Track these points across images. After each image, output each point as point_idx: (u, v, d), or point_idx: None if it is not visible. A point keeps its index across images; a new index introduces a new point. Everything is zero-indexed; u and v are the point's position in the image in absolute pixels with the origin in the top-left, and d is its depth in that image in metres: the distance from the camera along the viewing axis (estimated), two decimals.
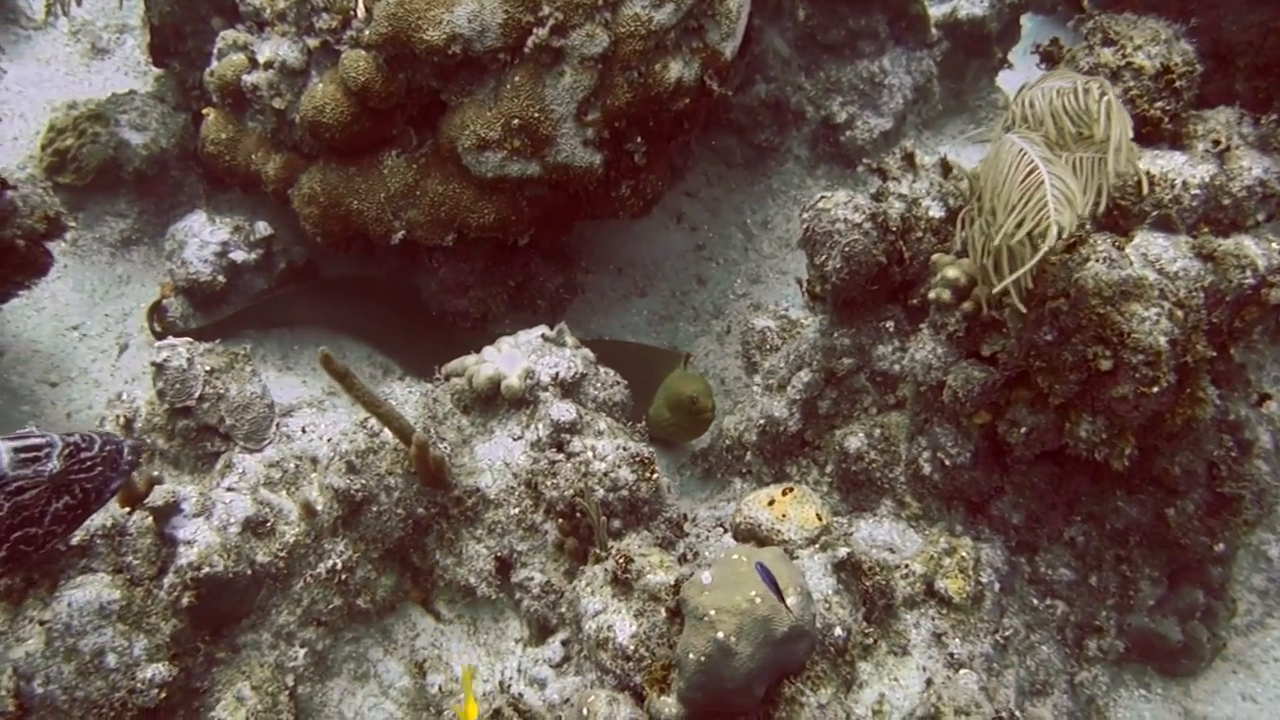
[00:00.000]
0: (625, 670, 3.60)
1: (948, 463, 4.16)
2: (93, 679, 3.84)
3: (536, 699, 4.04)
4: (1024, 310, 3.55)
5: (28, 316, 6.00)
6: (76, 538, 4.04)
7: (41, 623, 3.93)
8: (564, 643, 4.18)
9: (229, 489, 4.31)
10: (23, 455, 3.39)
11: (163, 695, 3.94)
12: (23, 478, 3.37)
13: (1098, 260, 3.54)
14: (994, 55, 7.41)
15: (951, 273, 3.97)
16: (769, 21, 6.60)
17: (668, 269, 6.72)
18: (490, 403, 4.60)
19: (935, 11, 7.22)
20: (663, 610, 3.62)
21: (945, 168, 4.55)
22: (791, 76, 6.88)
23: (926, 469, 4.25)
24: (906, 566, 3.99)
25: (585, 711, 3.48)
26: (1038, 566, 4.29)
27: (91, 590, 3.96)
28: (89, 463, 3.53)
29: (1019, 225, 3.36)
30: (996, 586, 4.05)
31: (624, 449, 4.34)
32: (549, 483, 4.32)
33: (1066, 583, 4.29)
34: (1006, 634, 4.03)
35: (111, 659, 3.87)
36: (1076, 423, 3.72)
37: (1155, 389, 3.47)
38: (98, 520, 4.10)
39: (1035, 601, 4.29)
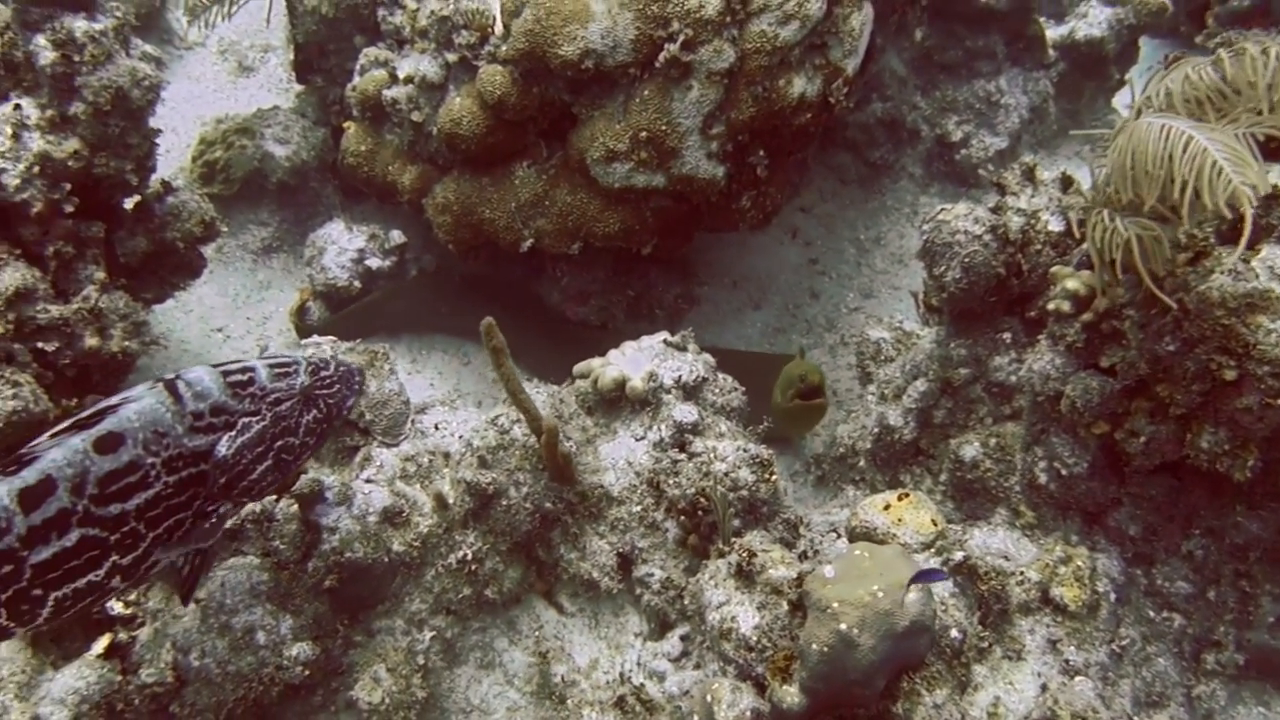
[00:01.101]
0: (748, 660, 3.64)
1: (1064, 473, 4.12)
2: (243, 654, 4.00)
3: (657, 691, 4.09)
4: (1171, 305, 3.47)
5: (178, 318, 6.24)
6: (229, 520, 4.21)
7: (197, 600, 4.10)
8: (683, 637, 4.23)
9: (368, 480, 4.41)
10: (276, 370, 3.52)
11: (306, 673, 4.08)
12: (279, 390, 3.48)
13: (1223, 272, 3.49)
14: (1111, 76, 7.34)
15: (1071, 284, 3.95)
16: (888, 41, 6.62)
17: (782, 282, 6.76)
18: (614, 404, 4.67)
19: (1053, 33, 7.18)
20: (785, 603, 3.65)
21: (1065, 182, 4.52)
22: (908, 95, 6.89)
23: (1043, 479, 4.21)
24: (1022, 573, 3.96)
25: (709, 699, 3.52)
26: (1155, 579, 4.22)
27: (242, 571, 4.12)
28: (329, 380, 3.62)
29: (1197, 194, 3.16)
30: (1113, 596, 4.01)
31: (744, 450, 4.38)
32: (671, 481, 4.37)
33: (1184, 596, 4.21)
34: (1123, 644, 3.98)
35: (261, 636, 4.03)
36: (1198, 434, 3.66)
37: None
38: (247, 506, 4.27)
39: (1152, 613, 4.22)
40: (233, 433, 3.37)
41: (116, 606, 4.27)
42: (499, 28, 5.18)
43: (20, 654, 4.24)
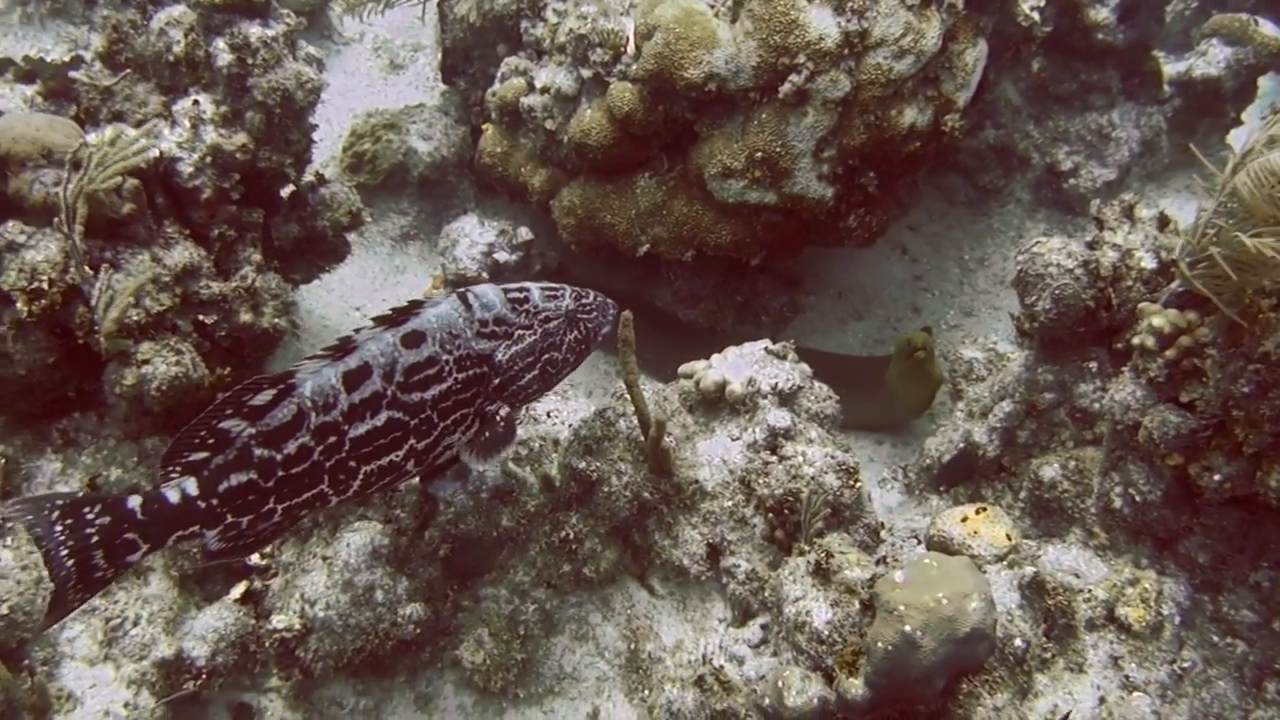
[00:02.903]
0: (819, 652, 3.82)
1: (1139, 499, 4.20)
2: (363, 609, 4.30)
3: (735, 673, 4.27)
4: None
5: (320, 296, 6.59)
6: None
7: (324, 558, 4.42)
8: (763, 626, 4.41)
9: None
10: (546, 293, 3.86)
11: (418, 631, 4.38)
12: (549, 310, 3.82)
13: None
14: (1227, 114, 7.28)
15: (1157, 321, 4.02)
16: (1004, 72, 6.68)
17: (885, 296, 6.87)
18: (714, 405, 4.85)
19: (1171, 69, 7.16)
20: (857, 602, 3.83)
21: (1162, 221, 4.59)
22: (1021, 124, 6.94)
23: (1117, 503, 4.30)
24: (1089, 591, 4.07)
25: (781, 684, 3.72)
26: (1220, 606, 4.26)
27: (366, 535, 4.42)
28: (588, 306, 3.95)
29: None
30: (1177, 620, 4.08)
31: (832, 457, 4.54)
32: (761, 481, 4.56)
33: (1249, 624, 4.25)
34: (1184, 665, 4.05)
35: (380, 594, 4.33)
36: (1269, 472, 3.73)
37: None
38: None
39: (1216, 639, 4.27)
40: (509, 341, 3.72)
41: (254, 558, 4.62)
42: (631, 48, 5.40)
43: (169, 592, 4.61)
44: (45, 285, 4.35)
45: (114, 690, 4.34)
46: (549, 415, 4.93)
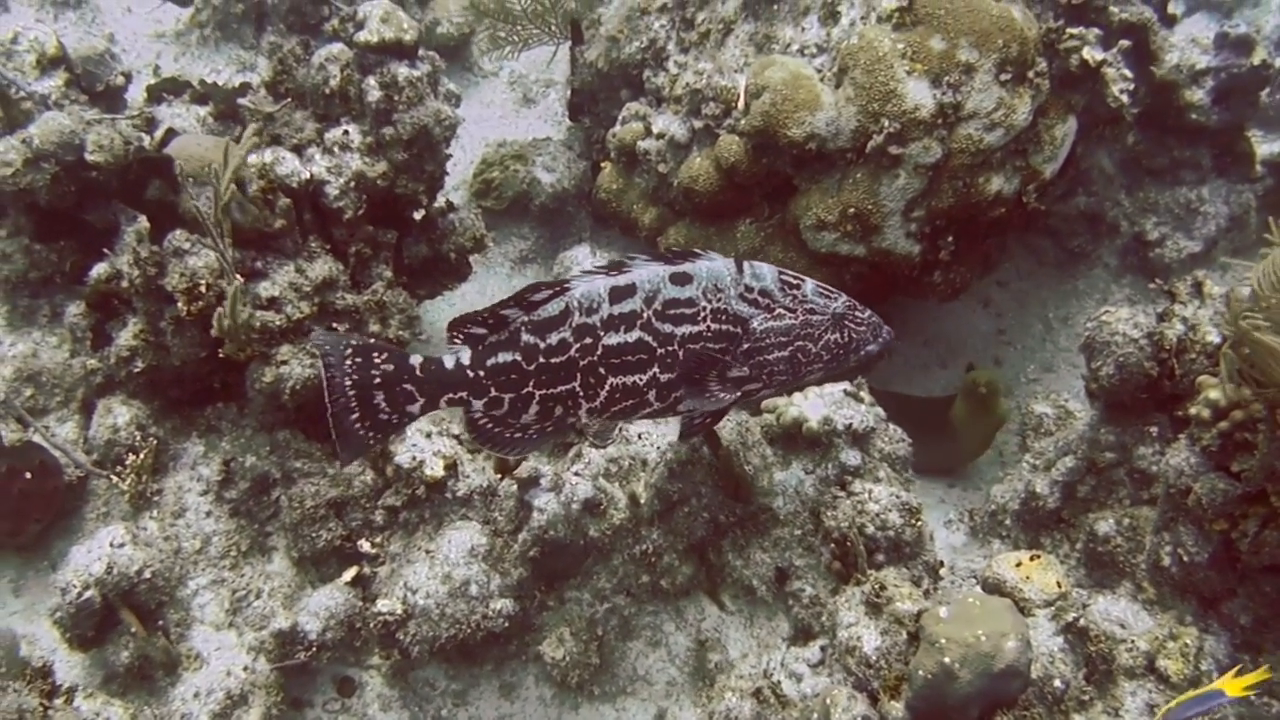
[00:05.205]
0: (866, 675, 4.03)
1: (1186, 559, 4.31)
2: (459, 601, 4.59)
3: (792, 689, 4.48)
4: None
5: (442, 310, 6.92)
6: (461, 490, 4.83)
7: (428, 552, 4.73)
8: (823, 648, 4.60)
9: (576, 474, 4.89)
10: (821, 290, 3.87)
11: (506, 625, 4.66)
12: (817, 305, 3.84)
13: None
14: None
15: (1214, 394, 4.14)
16: (1099, 144, 6.79)
17: (969, 346, 7.01)
18: (792, 439, 5.04)
19: (1265, 149, 7.17)
20: (904, 633, 4.03)
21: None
22: (1113, 193, 7.04)
23: (1166, 561, 4.41)
24: (1132, 642, 4.19)
25: (829, 702, 3.94)
26: (1260, 666, 4.36)
27: (466, 533, 4.73)
28: (860, 320, 3.90)
29: None
30: (1215, 676, 4.18)
31: (897, 496, 4.74)
32: (829, 514, 4.77)
33: None
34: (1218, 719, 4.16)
35: (474, 589, 4.62)
36: None
37: None
38: (476, 481, 4.87)
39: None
40: (769, 315, 3.79)
41: (365, 545, 4.96)
42: (741, 104, 5.68)
43: (288, 571, 4.98)
44: (203, 288, 4.75)
45: (235, 654, 4.71)
46: (640, 437, 5.18)
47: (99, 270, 5.07)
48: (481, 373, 3.75)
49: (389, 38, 5.25)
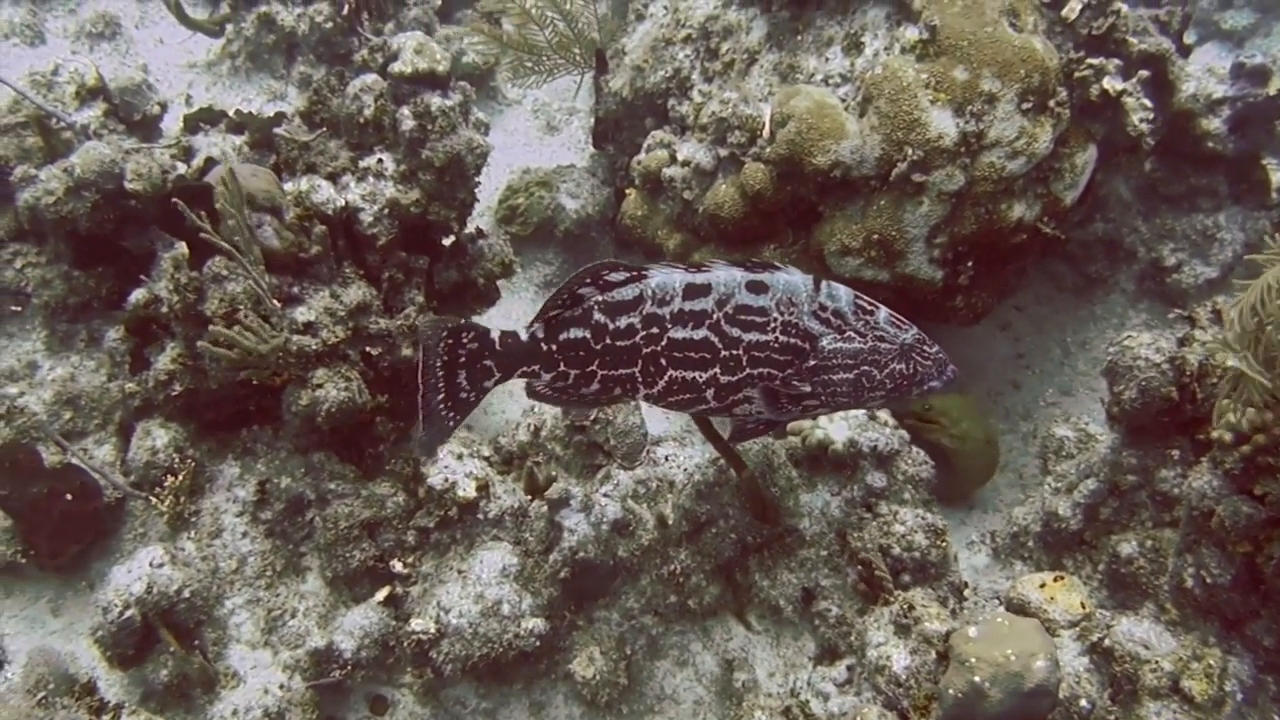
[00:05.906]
0: (896, 694, 4.07)
1: (1209, 581, 4.32)
2: (490, 620, 4.64)
3: (820, 708, 4.52)
4: None
5: None
6: (493, 511, 4.88)
7: (460, 572, 4.79)
8: (849, 667, 4.65)
9: (605, 495, 4.97)
10: (892, 319, 3.90)
11: (537, 643, 4.70)
12: (887, 333, 3.87)
13: None
14: None
15: (1231, 418, 4.19)
16: (1116, 171, 6.84)
17: (988, 370, 7.05)
18: (817, 461, 5.12)
19: None
20: (933, 652, 4.08)
21: None
22: (1130, 219, 7.09)
23: (1189, 583, 4.43)
24: (1156, 662, 4.22)
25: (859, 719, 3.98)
26: None
27: (498, 554, 4.79)
28: (928, 353, 3.92)
29: None
30: (1239, 696, 4.19)
31: (922, 518, 4.79)
32: (855, 535, 4.82)
33: None
34: None
35: (506, 608, 4.67)
36: None
37: None
38: (507, 502, 4.93)
39: (1277, 718, 4.39)
40: (839, 336, 3.85)
41: (397, 565, 5.01)
42: (766, 133, 5.75)
43: (322, 590, 5.03)
44: (241, 314, 4.83)
45: (271, 673, 4.76)
46: (667, 459, 5.24)
47: (137, 295, 5.15)
48: (554, 346, 3.85)
49: (423, 68, 5.34)
